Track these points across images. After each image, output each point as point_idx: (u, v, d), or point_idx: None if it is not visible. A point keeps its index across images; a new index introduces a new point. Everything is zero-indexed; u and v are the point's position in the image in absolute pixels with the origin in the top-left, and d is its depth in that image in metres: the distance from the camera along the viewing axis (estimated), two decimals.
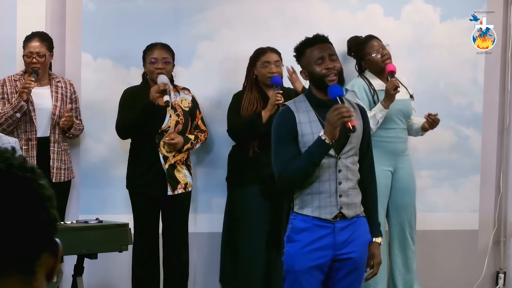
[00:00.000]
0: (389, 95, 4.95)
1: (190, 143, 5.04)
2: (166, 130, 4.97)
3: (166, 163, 4.94)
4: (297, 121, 3.45)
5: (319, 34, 3.55)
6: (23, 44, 5.02)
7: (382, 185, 5.10)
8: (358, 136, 3.51)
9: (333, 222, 3.45)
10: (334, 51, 3.51)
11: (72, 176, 5.16)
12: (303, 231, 3.46)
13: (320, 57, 3.47)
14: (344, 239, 3.46)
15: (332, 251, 3.46)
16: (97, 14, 5.32)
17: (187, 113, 5.08)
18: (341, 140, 3.43)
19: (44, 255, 1.20)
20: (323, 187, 3.44)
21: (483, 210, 5.69)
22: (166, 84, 4.86)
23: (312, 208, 3.45)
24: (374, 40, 5.21)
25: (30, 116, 4.94)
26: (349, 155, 3.48)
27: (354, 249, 3.48)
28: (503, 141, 5.75)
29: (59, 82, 5.10)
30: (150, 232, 5.02)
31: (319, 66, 3.46)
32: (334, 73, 3.43)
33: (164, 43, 5.06)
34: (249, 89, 5.08)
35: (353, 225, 3.49)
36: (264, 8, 5.48)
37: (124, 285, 5.25)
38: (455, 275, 5.65)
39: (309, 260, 3.44)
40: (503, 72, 5.73)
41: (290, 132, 3.44)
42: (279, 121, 3.53)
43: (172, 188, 4.95)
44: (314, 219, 3.45)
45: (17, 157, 1.20)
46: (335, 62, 3.47)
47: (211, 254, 5.41)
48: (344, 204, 3.46)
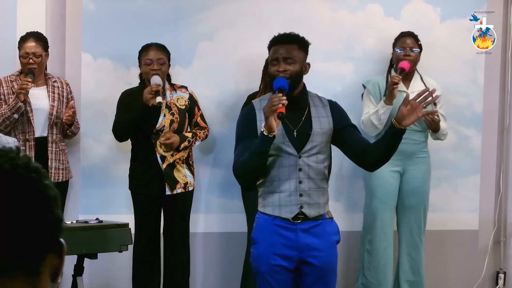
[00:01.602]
0: (388, 91, 4.96)
1: (188, 141, 5.02)
2: (161, 129, 4.96)
3: (164, 163, 4.94)
4: (258, 118, 3.47)
5: (287, 34, 3.54)
6: (18, 44, 5.01)
7: (388, 185, 5.10)
8: (321, 134, 3.48)
9: (295, 223, 3.44)
10: (293, 53, 3.47)
11: (70, 176, 5.16)
12: (265, 232, 3.46)
13: (275, 58, 3.48)
14: (308, 241, 3.44)
15: (297, 252, 3.44)
16: (97, 14, 5.32)
17: (183, 111, 5.07)
18: (302, 138, 3.44)
19: (49, 256, 1.20)
20: (283, 185, 3.44)
21: (483, 210, 5.69)
22: (159, 85, 4.85)
23: (273, 207, 3.46)
24: (408, 38, 5.19)
25: (28, 117, 4.94)
26: (311, 153, 3.46)
27: (319, 254, 3.45)
28: (503, 141, 5.75)
29: (55, 82, 5.10)
30: (150, 232, 5.02)
31: (273, 67, 3.48)
32: (285, 77, 3.43)
33: (159, 44, 5.04)
34: (262, 91, 5.06)
35: (317, 227, 3.47)
36: (264, 8, 5.48)
37: (124, 285, 5.26)
38: (455, 275, 5.65)
39: (273, 260, 3.44)
40: (503, 72, 5.73)
41: (249, 129, 3.48)
42: (240, 118, 3.60)
43: (170, 188, 4.95)
44: (276, 219, 3.45)
45: (22, 157, 1.20)
46: (290, 65, 3.46)
47: (211, 254, 5.41)
48: (305, 203, 3.44)
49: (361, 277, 5.21)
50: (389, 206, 5.17)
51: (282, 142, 3.42)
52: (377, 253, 5.15)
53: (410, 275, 5.23)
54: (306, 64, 3.54)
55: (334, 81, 5.45)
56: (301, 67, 3.49)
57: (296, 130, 3.46)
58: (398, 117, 3.36)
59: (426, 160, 5.22)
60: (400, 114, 3.36)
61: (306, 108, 3.53)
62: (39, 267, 1.18)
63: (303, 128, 3.45)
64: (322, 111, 3.54)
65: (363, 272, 5.19)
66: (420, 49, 5.21)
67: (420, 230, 5.22)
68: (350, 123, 3.60)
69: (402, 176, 5.17)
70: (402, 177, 5.17)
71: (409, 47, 5.16)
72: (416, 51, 5.18)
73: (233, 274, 5.32)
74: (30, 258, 1.17)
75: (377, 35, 5.51)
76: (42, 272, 1.19)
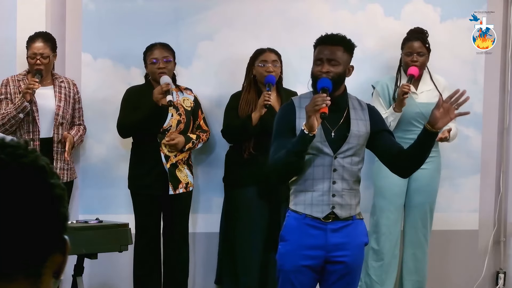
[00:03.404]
0: (398, 100, 4.96)
1: (192, 143, 5.04)
2: (168, 129, 4.97)
3: (167, 163, 4.95)
4: (297, 116, 3.48)
5: (334, 34, 3.54)
6: (27, 44, 5.00)
7: (394, 184, 5.10)
8: (358, 136, 3.51)
9: (325, 223, 3.45)
10: (338, 55, 3.49)
11: (74, 177, 5.16)
12: (295, 231, 3.47)
13: (319, 59, 3.50)
14: (337, 241, 3.45)
15: (324, 252, 3.45)
16: (97, 14, 5.32)
17: (189, 112, 5.09)
18: (339, 139, 3.45)
19: (53, 255, 1.16)
20: (316, 185, 3.45)
21: (483, 210, 5.69)
22: (168, 84, 4.86)
23: (304, 206, 3.47)
24: (416, 42, 5.15)
25: (33, 117, 4.93)
26: (346, 155, 3.48)
27: (347, 253, 3.47)
28: (503, 141, 5.75)
29: (62, 82, 5.10)
30: (151, 232, 5.02)
31: (316, 67, 3.50)
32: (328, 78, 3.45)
33: (163, 43, 5.06)
34: (247, 89, 5.07)
35: (347, 227, 3.48)
36: (264, 8, 5.48)
37: (124, 285, 5.26)
38: (455, 275, 5.65)
39: (300, 260, 3.45)
40: (503, 72, 5.72)
41: (287, 125, 3.48)
42: (279, 114, 3.59)
43: (173, 187, 4.96)
44: (306, 218, 3.45)
45: (30, 153, 1.15)
46: (334, 67, 3.48)
47: (211, 254, 5.41)
48: (336, 204, 3.45)
49: (365, 275, 5.21)
50: (395, 205, 5.17)
51: (319, 141, 3.43)
52: (382, 252, 5.15)
53: (413, 274, 5.23)
54: (350, 66, 3.57)
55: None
56: (344, 69, 3.51)
57: (334, 131, 3.48)
58: (431, 120, 3.38)
59: (436, 160, 5.22)
60: (433, 117, 3.38)
61: (345, 109, 3.55)
62: (42, 268, 1.15)
63: (341, 130, 3.47)
64: (360, 114, 3.56)
65: (367, 271, 5.19)
66: (428, 51, 5.18)
67: (425, 229, 5.22)
68: (386, 128, 3.64)
69: None
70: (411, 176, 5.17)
71: (416, 52, 5.13)
72: (424, 54, 5.15)
73: None
74: (33, 260, 1.13)
75: (377, 35, 5.51)
76: (44, 273, 1.15)
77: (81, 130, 5.14)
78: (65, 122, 5.04)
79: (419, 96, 5.13)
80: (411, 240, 5.23)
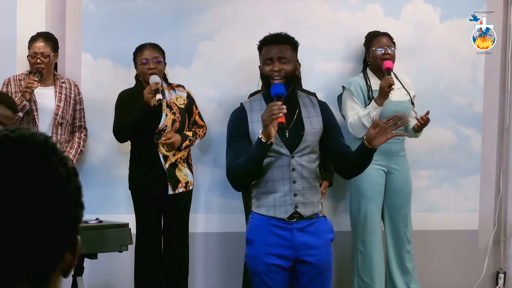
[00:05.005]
0: (382, 93, 4.95)
1: (189, 140, 5.04)
2: (164, 129, 4.97)
3: (166, 162, 4.95)
4: (249, 119, 3.50)
5: (279, 33, 3.57)
6: (28, 44, 5.02)
7: (376, 184, 5.10)
8: (313, 133, 3.51)
9: (291, 222, 3.46)
10: (287, 53, 3.50)
11: None
12: (261, 232, 3.48)
13: (269, 58, 3.51)
14: (303, 240, 3.46)
15: (293, 251, 3.46)
16: (97, 14, 5.32)
17: (183, 110, 5.08)
18: (294, 139, 3.46)
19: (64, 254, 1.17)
20: (277, 186, 3.46)
21: (483, 210, 5.69)
22: (157, 83, 4.86)
23: (267, 208, 3.48)
24: (384, 37, 5.21)
25: (33, 116, 4.94)
26: (304, 153, 3.49)
27: (316, 252, 3.48)
28: (503, 141, 5.75)
29: (63, 83, 5.10)
30: (151, 232, 5.02)
31: (267, 67, 3.50)
32: (280, 76, 3.46)
33: (153, 43, 5.04)
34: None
35: (312, 226, 3.49)
36: (264, 8, 5.48)
37: (124, 285, 5.25)
38: (455, 275, 5.65)
39: (269, 259, 3.45)
40: (503, 72, 5.73)
41: (240, 130, 3.49)
42: (231, 120, 3.59)
43: (173, 187, 4.96)
44: (271, 219, 3.46)
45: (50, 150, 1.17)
46: (284, 65, 3.48)
47: (211, 254, 5.41)
48: (299, 203, 3.46)
49: (357, 278, 5.18)
50: (377, 205, 5.16)
51: (275, 143, 3.42)
52: (370, 253, 5.13)
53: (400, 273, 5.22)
54: (298, 64, 3.58)
55: (334, 81, 5.44)
56: (294, 67, 3.52)
57: (288, 130, 3.47)
58: (367, 138, 3.41)
59: (406, 158, 5.25)
60: (369, 135, 3.41)
61: (296, 108, 3.56)
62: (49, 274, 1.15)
63: (295, 128, 3.48)
64: (312, 111, 3.57)
65: (358, 274, 5.17)
66: (395, 46, 5.21)
67: (406, 228, 5.22)
68: (336, 123, 3.65)
69: (387, 176, 5.16)
70: (387, 176, 5.17)
71: (386, 46, 5.16)
72: (393, 49, 5.18)
73: (233, 274, 5.32)
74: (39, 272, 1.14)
75: None
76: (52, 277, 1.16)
77: (81, 141, 5.15)
78: (65, 123, 5.05)
79: (393, 94, 5.12)
80: (394, 241, 5.21)
